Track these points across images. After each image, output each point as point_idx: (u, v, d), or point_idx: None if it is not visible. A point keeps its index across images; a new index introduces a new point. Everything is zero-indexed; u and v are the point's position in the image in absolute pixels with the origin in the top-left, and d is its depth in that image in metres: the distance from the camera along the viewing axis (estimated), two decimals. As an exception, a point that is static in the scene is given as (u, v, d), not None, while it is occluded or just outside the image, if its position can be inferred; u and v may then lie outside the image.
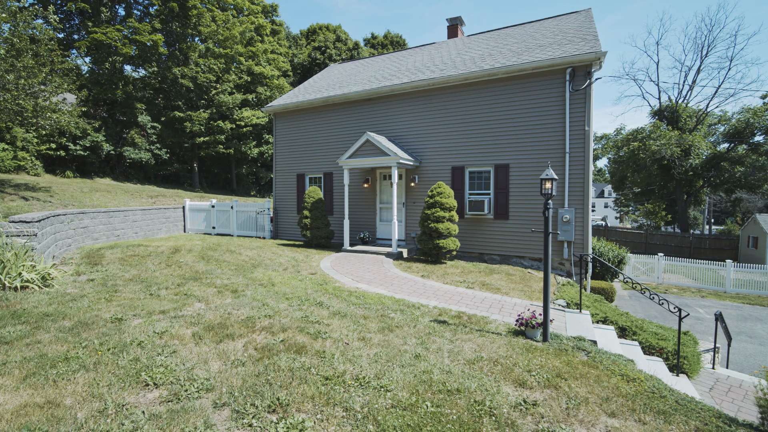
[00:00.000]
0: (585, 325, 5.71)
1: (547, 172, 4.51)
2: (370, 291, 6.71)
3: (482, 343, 4.37)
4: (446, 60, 12.26)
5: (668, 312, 13.39)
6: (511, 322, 5.47)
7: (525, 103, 9.81)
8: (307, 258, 9.54)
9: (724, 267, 16.76)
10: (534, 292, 7.32)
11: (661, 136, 25.17)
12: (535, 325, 4.79)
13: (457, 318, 5.36)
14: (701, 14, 60.27)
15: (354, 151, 10.56)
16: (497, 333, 4.84)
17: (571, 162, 9.29)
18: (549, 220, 4.53)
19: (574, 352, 4.32)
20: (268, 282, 6.70)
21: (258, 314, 4.72)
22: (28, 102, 10.05)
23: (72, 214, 9.41)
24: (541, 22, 13.32)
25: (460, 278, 7.96)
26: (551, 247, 9.57)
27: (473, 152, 10.45)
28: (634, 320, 6.65)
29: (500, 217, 10.12)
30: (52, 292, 5.06)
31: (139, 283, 6.07)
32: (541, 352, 4.22)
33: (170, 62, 23.81)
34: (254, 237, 13.48)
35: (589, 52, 8.93)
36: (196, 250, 9.39)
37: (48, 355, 3.15)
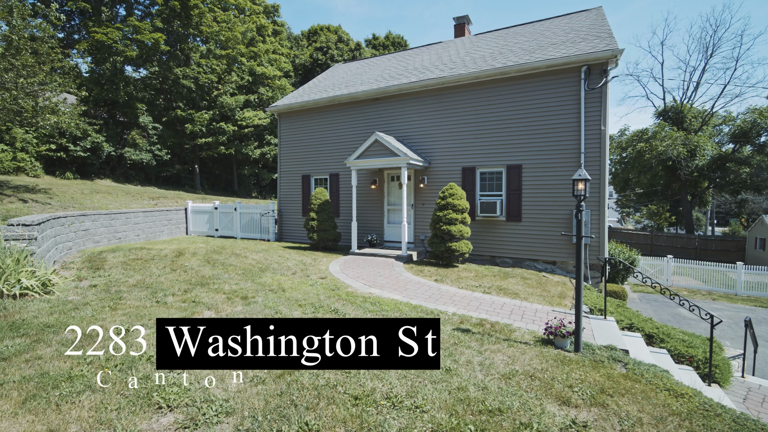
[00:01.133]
0: (613, 333, 5.44)
1: (579, 172, 4.25)
2: (385, 296, 6.44)
3: (512, 354, 4.10)
4: (455, 59, 12.02)
5: (681, 316, 13.14)
6: (535, 329, 5.21)
7: (538, 102, 9.56)
8: (315, 261, 9.26)
9: (735, 269, 16.50)
10: (553, 297, 7.05)
11: (666, 137, 24.96)
12: (565, 334, 4.52)
13: (479, 326, 5.09)
14: (706, 14, 60.02)
15: (362, 152, 10.30)
16: (524, 342, 4.57)
17: (587, 162, 9.04)
18: (582, 224, 4.26)
19: (611, 364, 4.05)
20: (278, 287, 6.42)
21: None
22: (27, 102, 9.78)
23: (73, 216, 9.13)
24: (551, 21, 13.10)
25: (475, 282, 7.69)
26: (565, 250, 9.36)
27: (484, 153, 10.20)
28: (660, 326, 6.39)
29: (513, 219, 9.86)
30: (52, 299, 4.78)
31: (143, 289, 5.79)
32: (577, 364, 3.95)
33: (171, 62, 23.56)
34: (258, 239, 13.20)
35: (605, 50, 8.70)
36: (201, 253, 9.11)
37: (50, 373, 2.87)
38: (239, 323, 3.09)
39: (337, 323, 3.29)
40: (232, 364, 2.99)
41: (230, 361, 2.96)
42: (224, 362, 2.96)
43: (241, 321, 3.17)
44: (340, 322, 3.36)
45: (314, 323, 3.32)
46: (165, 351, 2.90)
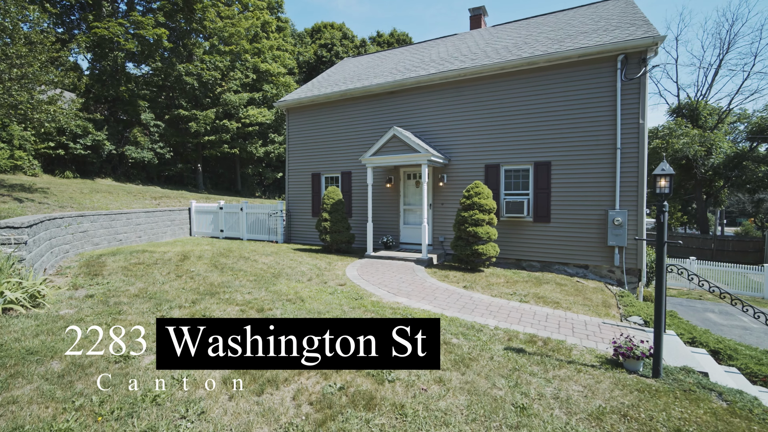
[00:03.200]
0: (680, 350, 4.78)
1: (662, 166, 3.60)
2: (414, 307, 5.78)
3: (586, 382, 3.44)
4: (474, 50, 11.34)
5: (712, 321, 12.43)
6: (593, 346, 4.56)
7: (569, 94, 8.88)
8: (329, 265, 8.60)
9: (762, 272, 15.79)
10: (597, 306, 6.39)
11: (684, 134, 24.19)
12: (639, 356, 3.86)
13: (530, 343, 4.44)
14: (722, 9, 58.54)
15: (379, 148, 9.64)
16: (590, 365, 3.91)
17: (623, 159, 8.36)
18: (665, 227, 3.59)
19: (705, 395, 3.38)
20: (295, 297, 5.77)
21: (297, 344, 3.79)
22: (22, 95, 9.13)
23: (70, 217, 8.50)
24: (575, 10, 12.41)
25: (507, 289, 7.02)
26: (598, 253, 8.67)
27: (510, 149, 9.52)
28: (721, 340, 5.72)
29: (541, 219, 9.18)
30: (41, 314, 4.13)
31: (146, 300, 5.14)
32: (667, 395, 3.28)
33: (174, 58, 22.92)
34: (266, 241, 12.55)
35: (645, 37, 8.02)
36: (207, 256, 8.47)
37: (25, 428, 2.21)
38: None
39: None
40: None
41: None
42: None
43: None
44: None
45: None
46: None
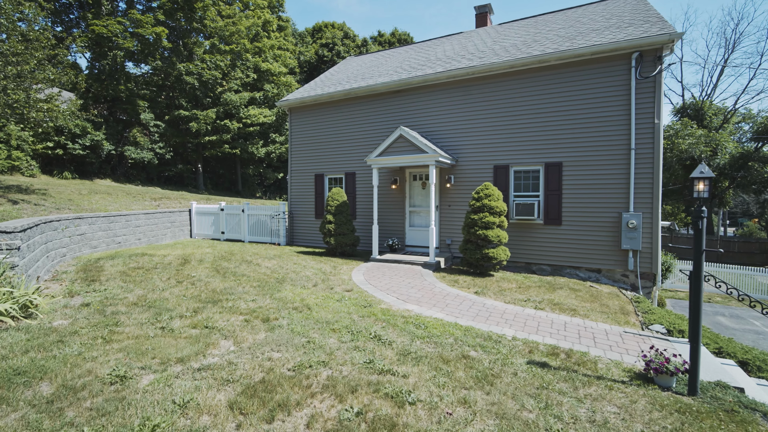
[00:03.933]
0: (710, 363, 4.52)
1: (700, 168, 3.34)
2: (426, 315, 5.52)
3: (620, 402, 3.18)
4: (482, 48, 11.08)
5: (722, 325, 12.21)
6: (618, 358, 4.31)
7: (581, 93, 8.62)
8: (335, 269, 8.34)
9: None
10: (616, 313, 6.13)
11: (690, 134, 23.94)
12: (673, 371, 3.60)
13: (552, 356, 4.18)
14: (727, 8, 58.07)
15: (385, 148, 9.38)
16: (620, 381, 3.66)
17: (638, 159, 8.10)
18: (703, 234, 3.34)
19: (749, 416, 3.12)
20: (301, 304, 5.51)
21: (308, 359, 3.53)
22: (18, 93, 8.87)
23: (67, 219, 8.23)
24: (584, 8, 12.15)
25: (521, 295, 6.76)
26: (611, 256, 8.41)
27: (519, 149, 9.26)
28: (749, 350, 5.47)
29: (551, 222, 8.93)
30: (33, 327, 3.87)
31: (145, 309, 4.88)
32: (710, 416, 3.03)
33: (174, 58, 22.65)
34: (268, 243, 12.29)
35: (660, 34, 7.76)
36: (208, 260, 8.21)
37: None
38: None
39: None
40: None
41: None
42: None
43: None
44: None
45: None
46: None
